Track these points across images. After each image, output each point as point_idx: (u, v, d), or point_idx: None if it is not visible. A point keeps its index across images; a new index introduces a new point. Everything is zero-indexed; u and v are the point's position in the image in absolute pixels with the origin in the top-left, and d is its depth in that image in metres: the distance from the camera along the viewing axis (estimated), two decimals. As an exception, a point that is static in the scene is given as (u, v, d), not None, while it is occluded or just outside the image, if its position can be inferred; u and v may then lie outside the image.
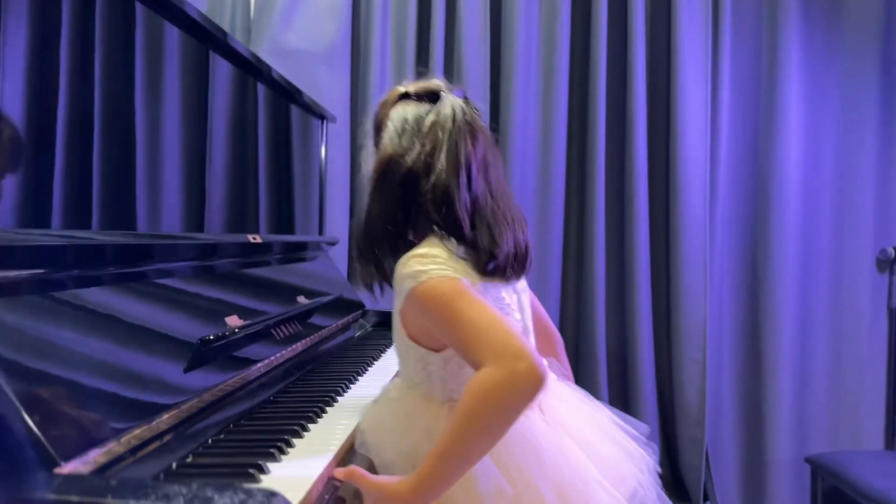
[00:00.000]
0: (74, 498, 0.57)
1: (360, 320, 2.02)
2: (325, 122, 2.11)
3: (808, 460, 1.97)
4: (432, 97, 1.04)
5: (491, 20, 2.41)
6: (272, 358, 1.25)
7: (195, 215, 1.35)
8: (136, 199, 1.12)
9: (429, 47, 2.40)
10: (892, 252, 2.42)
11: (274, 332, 1.31)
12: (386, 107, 1.06)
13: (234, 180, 1.52)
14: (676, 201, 2.39)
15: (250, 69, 1.58)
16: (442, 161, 0.99)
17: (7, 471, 0.60)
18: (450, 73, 2.42)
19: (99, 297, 0.90)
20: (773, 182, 2.44)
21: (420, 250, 0.96)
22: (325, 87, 2.27)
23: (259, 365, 1.19)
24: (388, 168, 1.01)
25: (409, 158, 0.99)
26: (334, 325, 1.70)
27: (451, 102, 1.03)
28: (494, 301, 1.00)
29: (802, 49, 2.44)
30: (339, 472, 0.88)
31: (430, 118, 1.01)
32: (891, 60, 2.46)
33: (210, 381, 1.01)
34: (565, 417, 1.03)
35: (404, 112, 1.03)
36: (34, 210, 0.88)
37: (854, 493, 1.76)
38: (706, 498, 2.44)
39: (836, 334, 2.49)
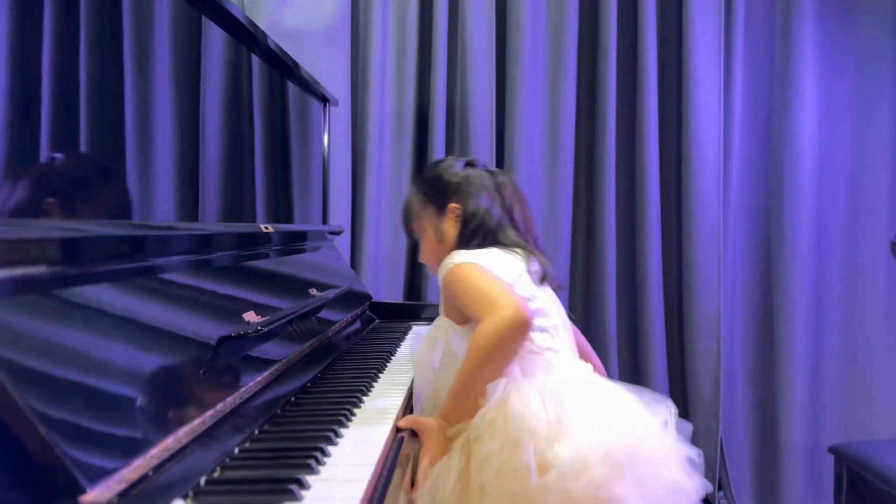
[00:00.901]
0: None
1: (367, 312, 1.95)
2: (327, 105, 2.01)
3: (831, 450, 1.92)
4: (474, 163, 1.38)
5: (496, 1, 2.32)
6: (290, 356, 1.17)
7: (190, 205, 1.24)
8: (126, 186, 1.01)
9: (432, 27, 2.30)
10: (908, 237, 2.38)
11: (291, 329, 1.22)
12: (451, 170, 1.34)
13: (233, 169, 1.42)
14: (689, 188, 2.33)
15: (275, 63, 1.49)
16: (513, 208, 1.33)
17: (32, 499, 0.51)
18: (454, 53, 2.33)
19: (104, 293, 0.80)
20: (787, 168, 2.39)
21: (468, 251, 1.22)
22: (326, 69, 2.17)
23: (278, 364, 1.10)
24: (477, 215, 1.29)
25: (495, 209, 1.30)
26: (345, 318, 1.62)
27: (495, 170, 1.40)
28: (545, 301, 1.23)
29: (816, 32, 2.38)
30: (402, 422, 1.06)
31: (500, 179, 1.35)
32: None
33: (231, 384, 0.92)
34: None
35: (479, 175, 1.34)
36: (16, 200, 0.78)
37: (882, 483, 1.71)
38: (719, 488, 2.39)
39: (850, 321, 2.44)
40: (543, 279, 1.26)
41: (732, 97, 2.38)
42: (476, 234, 1.28)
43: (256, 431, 0.91)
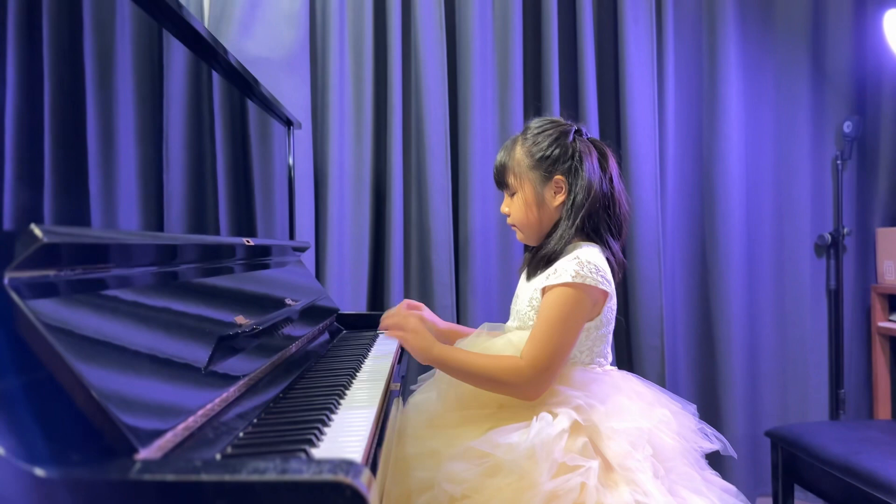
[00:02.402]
0: (170, 476, 0.59)
1: (335, 323, 2.05)
2: (291, 128, 2.12)
3: (768, 434, 2.10)
4: (581, 132, 1.42)
5: (446, 27, 2.47)
6: (274, 359, 1.26)
7: (154, 219, 1.23)
8: (88, 199, 0.97)
9: (386, 53, 2.44)
10: (829, 238, 2.60)
11: (274, 335, 1.32)
12: (565, 139, 1.37)
13: (195, 185, 1.45)
14: (630, 197, 2.49)
15: (236, 81, 1.56)
16: (613, 184, 1.39)
17: (93, 457, 0.61)
18: (408, 77, 2.47)
19: (126, 296, 0.90)
20: (718, 176, 2.59)
21: (591, 255, 1.30)
22: (287, 94, 2.28)
23: (264, 366, 1.20)
24: (581, 196, 1.35)
25: (597, 189, 1.35)
26: (317, 328, 1.72)
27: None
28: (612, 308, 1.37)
29: (739, 51, 2.60)
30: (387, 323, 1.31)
31: (604, 151, 1.40)
32: (819, 59, 2.65)
33: (229, 378, 1.02)
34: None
35: (588, 149, 1.38)
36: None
37: (814, 461, 1.89)
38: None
39: (780, 316, 2.65)
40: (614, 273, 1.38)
41: (666, 114, 2.57)
42: (575, 213, 1.35)
43: (255, 419, 1.01)
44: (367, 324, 2.09)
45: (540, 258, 1.39)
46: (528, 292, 1.39)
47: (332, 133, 2.38)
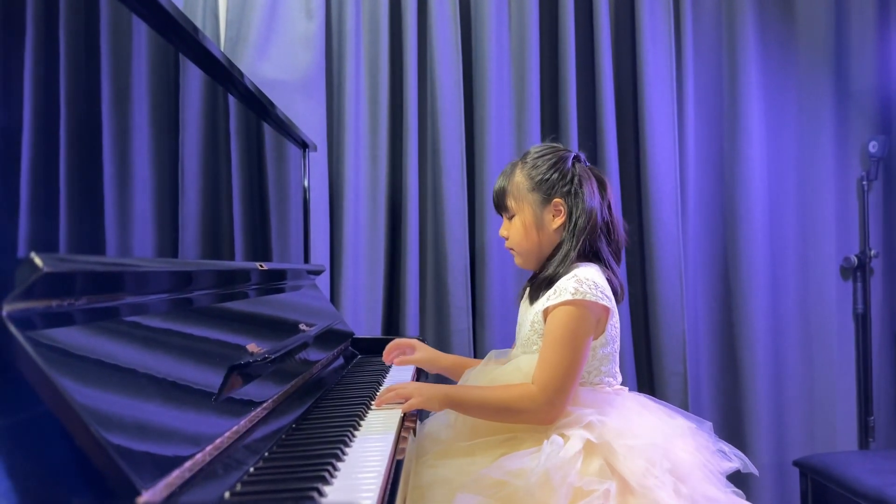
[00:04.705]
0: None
1: (349, 348, 2.01)
2: (307, 150, 2.10)
3: (796, 463, 2.03)
4: (580, 159, 1.43)
5: (463, 48, 2.45)
6: (287, 388, 1.23)
7: (169, 244, 1.20)
8: (104, 224, 0.95)
9: (402, 75, 2.42)
10: (855, 260, 2.54)
11: (287, 362, 1.29)
12: (564, 164, 1.39)
13: (211, 209, 1.42)
14: (650, 219, 2.46)
15: (252, 104, 1.54)
16: (612, 211, 1.40)
17: (93, 501, 0.58)
18: (423, 99, 2.44)
19: (136, 325, 0.87)
20: (740, 198, 2.54)
21: (589, 273, 1.30)
22: (303, 116, 2.27)
23: (276, 395, 1.16)
24: (582, 218, 1.35)
25: (597, 214, 1.36)
26: (331, 354, 1.68)
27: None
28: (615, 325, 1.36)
29: (760, 71, 2.56)
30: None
31: (603, 180, 1.41)
32: (842, 78, 2.60)
33: (240, 409, 0.99)
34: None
35: (587, 175, 1.39)
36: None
37: (846, 492, 1.82)
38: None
39: (806, 341, 2.58)
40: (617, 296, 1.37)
41: (686, 135, 2.53)
42: (577, 236, 1.36)
43: (267, 453, 0.97)
44: (382, 348, 2.04)
45: (541, 280, 1.39)
46: (529, 316, 1.39)
47: (347, 155, 2.36)
